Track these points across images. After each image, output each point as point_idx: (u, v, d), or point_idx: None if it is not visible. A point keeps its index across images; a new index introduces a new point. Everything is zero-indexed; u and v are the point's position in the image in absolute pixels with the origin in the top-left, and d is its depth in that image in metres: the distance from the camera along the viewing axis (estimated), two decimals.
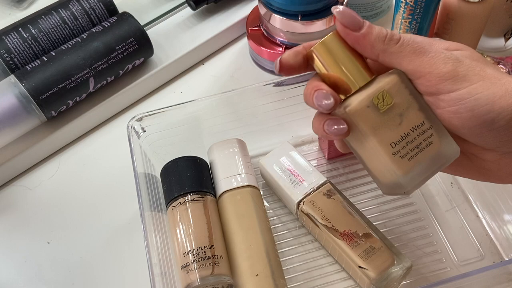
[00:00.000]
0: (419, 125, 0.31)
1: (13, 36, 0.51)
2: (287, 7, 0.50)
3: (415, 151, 0.31)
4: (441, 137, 0.31)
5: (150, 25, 0.59)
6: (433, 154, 0.31)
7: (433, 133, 0.31)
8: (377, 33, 0.29)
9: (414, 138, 0.31)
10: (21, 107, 0.48)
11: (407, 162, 0.30)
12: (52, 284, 0.44)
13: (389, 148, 0.30)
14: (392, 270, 0.39)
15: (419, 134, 0.31)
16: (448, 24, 0.51)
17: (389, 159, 0.30)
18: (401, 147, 0.30)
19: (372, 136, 0.30)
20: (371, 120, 0.30)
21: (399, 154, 0.30)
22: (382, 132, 0.30)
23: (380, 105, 0.30)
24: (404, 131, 0.30)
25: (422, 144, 0.31)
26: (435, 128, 0.31)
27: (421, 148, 0.31)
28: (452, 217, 0.45)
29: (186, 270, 0.38)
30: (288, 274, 0.42)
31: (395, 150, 0.30)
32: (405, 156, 0.30)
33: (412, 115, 0.30)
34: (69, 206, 0.49)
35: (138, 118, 0.43)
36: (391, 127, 0.30)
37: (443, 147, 0.31)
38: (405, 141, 0.31)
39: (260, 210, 0.42)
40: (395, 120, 0.30)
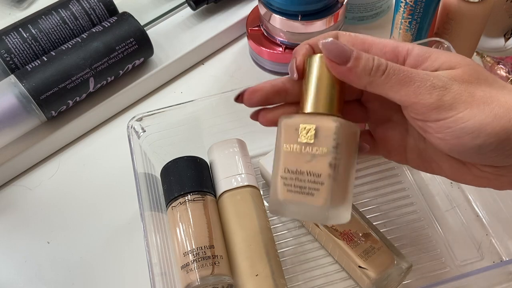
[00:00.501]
0: (315, 175, 0.31)
1: (13, 36, 0.51)
2: (287, 7, 0.50)
3: (297, 189, 0.31)
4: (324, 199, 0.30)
5: (150, 25, 0.59)
6: (308, 203, 0.31)
7: (320, 190, 0.30)
8: (363, 65, 0.29)
9: (304, 180, 0.31)
10: (21, 107, 0.48)
11: (286, 192, 0.32)
12: (52, 284, 0.44)
13: (282, 169, 0.32)
14: (392, 270, 0.39)
15: (310, 181, 0.31)
16: (448, 24, 0.51)
17: (278, 178, 0.32)
18: (289, 177, 0.31)
19: (281, 151, 0.32)
20: (289, 141, 0.32)
21: (284, 180, 0.32)
22: (289, 154, 0.32)
23: (301, 135, 0.31)
24: (302, 168, 0.31)
25: (305, 190, 0.31)
26: (326, 188, 0.30)
27: (303, 192, 0.31)
28: (452, 217, 0.45)
29: (186, 270, 0.38)
30: (288, 274, 0.42)
31: (285, 176, 0.32)
32: (287, 185, 0.32)
33: (319, 164, 0.31)
34: (69, 206, 0.49)
35: (138, 118, 0.43)
36: (297, 158, 0.31)
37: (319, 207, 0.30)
38: (296, 176, 0.31)
39: (260, 210, 0.42)
40: (304, 156, 0.31)
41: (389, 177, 0.48)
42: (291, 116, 0.32)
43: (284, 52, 0.54)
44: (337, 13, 0.52)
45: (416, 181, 0.47)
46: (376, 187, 0.47)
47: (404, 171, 0.48)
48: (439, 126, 0.29)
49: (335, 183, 0.30)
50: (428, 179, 0.47)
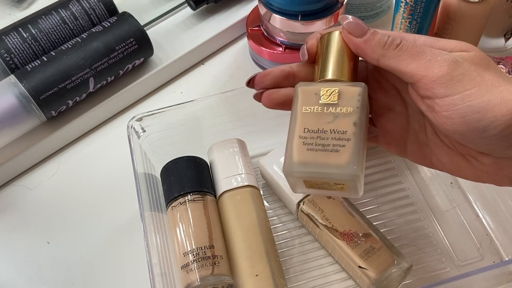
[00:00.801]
0: (340, 132, 0.31)
1: (13, 36, 0.51)
2: (287, 7, 0.50)
3: (318, 148, 0.31)
4: (351, 155, 0.30)
5: (150, 25, 0.59)
6: (330, 161, 0.30)
7: (346, 146, 0.30)
8: (378, 39, 0.31)
9: (327, 138, 0.31)
10: (21, 107, 0.48)
11: (304, 151, 0.31)
12: (52, 284, 0.44)
13: (301, 130, 0.31)
14: (392, 270, 0.39)
15: (334, 138, 0.31)
16: (448, 24, 0.51)
17: (295, 139, 0.32)
18: (310, 136, 0.31)
19: (299, 114, 0.32)
20: (307, 103, 0.32)
21: (303, 140, 0.31)
22: (308, 116, 0.32)
23: (323, 97, 0.32)
24: (324, 127, 0.31)
25: (329, 147, 0.31)
26: (353, 144, 0.30)
27: (325, 149, 0.31)
28: (452, 217, 0.45)
29: (186, 270, 0.38)
30: (288, 274, 0.42)
31: (304, 135, 0.31)
32: (306, 145, 0.31)
33: (343, 122, 0.31)
34: (69, 206, 0.49)
35: (138, 118, 0.43)
36: (318, 118, 0.31)
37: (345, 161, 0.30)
38: (318, 134, 0.31)
39: (260, 210, 0.42)
40: (326, 116, 0.31)
41: (389, 177, 0.48)
42: (309, 83, 0.33)
43: (284, 52, 0.54)
44: (337, 13, 0.52)
45: (416, 181, 0.47)
46: (376, 187, 0.47)
47: (404, 171, 0.48)
48: (446, 103, 0.29)
49: (360, 141, 0.31)
50: (428, 179, 0.47)
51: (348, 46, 0.33)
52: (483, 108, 0.28)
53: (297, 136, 0.32)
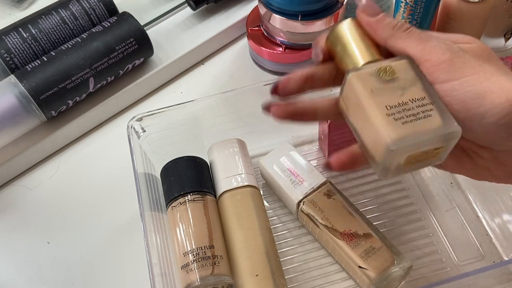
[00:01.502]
0: (420, 99, 0.30)
1: (13, 36, 0.51)
2: (287, 7, 0.50)
3: (411, 118, 0.29)
4: (442, 114, 0.30)
5: (150, 25, 0.59)
6: (430, 126, 0.29)
7: (433, 108, 0.30)
8: (389, 21, 0.32)
9: (412, 107, 0.30)
10: (21, 107, 0.48)
11: (400, 125, 0.29)
12: (52, 284, 0.44)
13: (384, 109, 0.30)
14: (392, 270, 0.39)
15: (418, 106, 0.30)
16: (448, 24, 0.51)
17: (382, 119, 0.29)
18: (396, 111, 0.29)
19: (368, 99, 0.30)
20: (370, 84, 0.30)
21: (393, 116, 0.29)
22: (379, 95, 0.30)
23: (383, 75, 0.31)
24: (403, 99, 0.30)
25: (420, 115, 0.30)
26: (437, 105, 0.30)
27: (418, 118, 0.29)
28: (452, 217, 0.45)
29: (186, 270, 0.38)
30: (288, 274, 0.42)
31: (390, 112, 0.29)
32: (399, 120, 0.29)
33: (414, 91, 0.30)
34: (69, 206, 0.49)
35: (138, 118, 0.43)
36: (390, 94, 0.30)
37: (443, 122, 0.29)
38: (402, 107, 0.30)
39: (260, 210, 0.42)
40: (395, 91, 0.30)
41: None
42: (356, 69, 0.32)
43: (284, 52, 0.54)
44: (337, 13, 0.52)
45: (416, 181, 0.47)
46: (376, 187, 0.47)
47: None
48: (445, 89, 0.29)
49: (439, 100, 0.30)
50: (428, 179, 0.47)
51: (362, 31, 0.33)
52: (481, 94, 0.28)
53: (385, 114, 0.29)
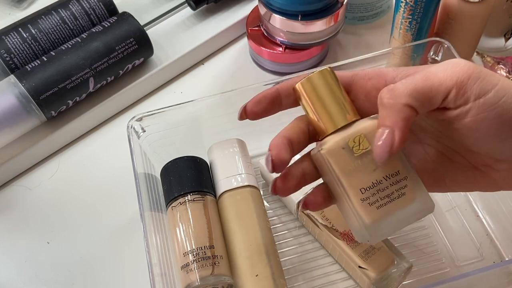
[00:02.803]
0: (394, 174, 0.29)
1: (13, 36, 0.50)
2: (287, 7, 0.50)
3: (386, 200, 0.29)
4: (415, 190, 0.30)
5: (150, 25, 0.59)
6: (404, 206, 0.29)
7: (408, 185, 0.29)
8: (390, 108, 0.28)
9: (387, 186, 0.29)
10: (21, 107, 0.48)
11: (375, 211, 0.29)
12: (52, 284, 0.44)
13: (358, 193, 0.29)
14: (392, 270, 0.39)
15: (393, 183, 0.29)
16: (448, 24, 0.51)
17: (357, 204, 0.29)
18: (371, 194, 0.29)
19: (343, 180, 0.30)
20: (344, 163, 0.30)
21: (367, 201, 0.29)
22: (353, 176, 0.29)
23: (355, 149, 0.30)
24: (377, 178, 0.29)
25: (394, 194, 0.29)
26: (411, 179, 0.30)
27: (392, 198, 0.29)
28: (452, 217, 0.45)
29: (186, 270, 0.38)
30: (288, 274, 0.42)
31: (364, 196, 0.29)
32: (373, 204, 0.29)
33: (388, 163, 0.29)
34: (69, 206, 0.49)
35: (138, 118, 0.43)
36: (364, 172, 0.29)
37: (417, 201, 0.29)
38: (377, 188, 0.29)
39: (260, 210, 0.42)
40: (369, 166, 0.29)
41: None
42: (324, 141, 0.30)
43: (284, 52, 0.54)
44: (337, 13, 0.52)
45: None
46: None
47: None
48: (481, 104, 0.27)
49: (413, 172, 0.30)
50: None
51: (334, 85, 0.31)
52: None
53: (359, 200, 0.29)
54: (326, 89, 0.31)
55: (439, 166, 0.33)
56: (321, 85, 0.31)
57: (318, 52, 0.55)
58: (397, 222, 0.30)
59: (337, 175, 0.30)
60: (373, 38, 0.60)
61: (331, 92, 0.31)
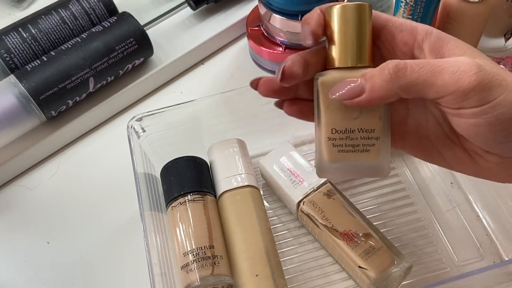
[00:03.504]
0: (368, 131, 0.30)
1: (13, 36, 0.50)
2: (287, 7, 0.50)
3: (349, 148, 0.30)
4: (380, 152, 0.30)
5: (150, 25, 0.59)
6: (363, 161, 0.30)
7: (376, 144, 0.30)
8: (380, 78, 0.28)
9: (356, 137, 0.30)
10: (21, 107, 0.48)
11: (335, 153, 0.31)
12: (52, 284, 0.44)
13: (328, 131, 0.31)
14: (392, 270, 0.39)
15: (363, 138, 0.30)
16: (448, 24, 0.51)
17: (323, 140, 0.31)
18: (339, 137, 0.31)
19: (323, 112, 0.31)
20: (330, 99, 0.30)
21: (332, 141, 0.31)
22: (333, 114, 0.31)
23: None
24: (352, 126, 0.30)
25: (359, 147, 0.30)
26: (381, 142, 0.30)
27: (356, 150, 0.30)
28: (452, 217, 0.45)
29: (186, 270, 0.38)
30: (288, 274, 0.42)
31: (333, 136, 0.31)
32: (336, 146, 0.31)
33: (370, 119, 0.30)
34: (69, 206, 0.49)
35: (138, 118, 0.43)
36: (343, 116, 0.30)
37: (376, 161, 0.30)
38: (346, 134, 0.30)
39: (260, 210, 0.42)
40: (351, 113, 0.30)
41: (389, 177, 0.48)
42: (327, 72, 0.31)
43: (284, 52, 0.54)
44: None
45: (416, 181, 0.47)
46: (376, 187, 0.47)
47: (405, 171, 0.48)
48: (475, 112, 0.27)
49: (387, 137, 0.30)
50: (428, 179, 0.47)
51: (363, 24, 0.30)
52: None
53: (326, 138, 0.31)
54: (354, 25, 0.30)
55: (432, 135, 0.33)
56: (351, 20, 0.30)
57: None
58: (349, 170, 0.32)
59: (320, 106, 0.31)
60: None
61: (358, 30, 0.30)
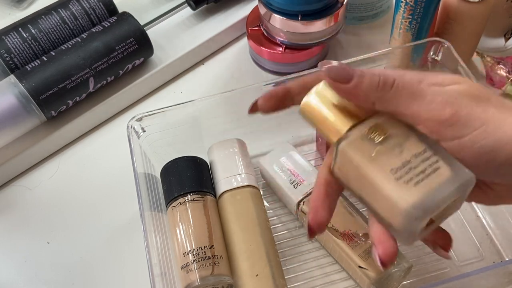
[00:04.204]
0: (421, 153, 0.28)
1: (13, 36, 0.50)
2: (287, 7, 0.50)
3: (421, 177, 0.27)
4: (449, 163, 0.28)
5: (150, 25, 0.59)
6: (443, 179, 0.27)
7: (439, 159, 0.27)
8: (369, 81, 0.28)
9: (418, 164, 0.27)
10: (21, 107, 0.48)
11: (414, 188, 0.27)
12: (52, 284, 0.44)
13: (389, 174, 0.27)
14: (392, 270, 0.39)
15: (423, 160, 0.28)
16: (448, 24, 0.51)
17: (392, 186, 0.27)
18: (404, 173, 0.27)
19: (370, 166, 0.28)
20: (367, 151, 0.28)
21: (402, 179, 0.27)
22: (380, 160, 0.28)
23: (375, 137, 0.28)
24: (405, 158, 0.28)
25: (428, 170, 0.27)
26: (440, 154, 0.28)
27: (427, 174, 0.27)
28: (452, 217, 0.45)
29: (186, 270, 0.38)
30: (288, 274, 0.42)
31: (398, 175, 0.27)
32: (410, 181, 0.27)
33: (412, 144, 0.28)
34: (69, 206, 0.49)
35: (138, 118, 0.43)
36: (390, 156, 0.28)
37: (453, 172, 0.27)
38: (408, 167, 0.27)
39: (260, 210, 0.42)
40: (394, 150, 0.28)
41: None
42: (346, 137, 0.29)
43: (284, 52, 0.54)
44: (337, 13, 0.52)
45: None
46: None
47: None
48: (455, 145, 0.27)
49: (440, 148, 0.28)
50: None
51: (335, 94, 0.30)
52: (495, 148, 0.26)
53: (393, 180, 0.27)
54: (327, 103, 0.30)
55: None
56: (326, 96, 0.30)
57: (318, 52, 0.55)
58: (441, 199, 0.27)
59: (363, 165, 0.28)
60: (373, 38, 0.60)
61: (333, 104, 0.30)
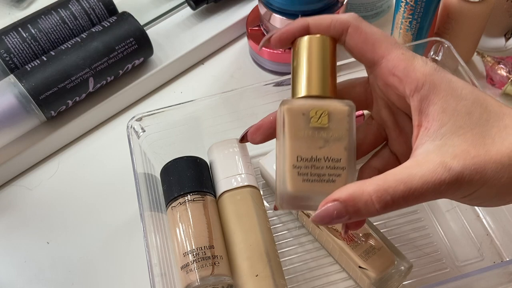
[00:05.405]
0: (335, 160, 0.29)
1: (12, 36, 0.50)
2: (287, 7, 0.50)
3: (314, 178, 0.29)
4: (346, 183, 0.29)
5: (150, 25, 0.59)
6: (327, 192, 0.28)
7: (342, 175, 0.29)
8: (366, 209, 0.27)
9: (322, 167, 0.29)
10: (21, 107, 0.48)
11: (300, 182, 0.29)
12: (52, 284, 0.44)
13: (294, 158, 0.29)
14: (392, 271, 0.39)
15: (329, 167, 0.29)
16: (449, 24, 0.51)
17: (287, 168, 0.29)
18: (304, 165, 0.29)
19: (288, 140, 0.29)
20: (296, 127, 0.29)
21: (298, 170, 0.29)
22: (298, 142, 0.29)
23: (313, 120, 0.29)
24: (318, 155, 0.29)
25: (325, 177, 0.29)
26: (348, 172, 0.29)
27: (322, 180, 0.29)
28: (452, 217, 0.45)
29: (186, 270, 0.38)
30: (288, 274, 0.42)
31: (299, 164, 0.29)
32: (301, 175, 0.29)
33: (335, 148, 0.29)
34: (69, 206, 0.49)
35: (138, 118, 0.43)
36: (309, 144, 0.29)
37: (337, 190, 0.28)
38: (312, 163, 0.29)
39: (260, 210, 0.42)
40: (317, 141, 0.29)
41: None
42: (293, 100, 0.30)
43: (284, 52, 0.54)
44: (337, 12, 0.52)
45: None
46: None
47: None
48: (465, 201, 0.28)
49: (353, 167, 0.29)
50: None
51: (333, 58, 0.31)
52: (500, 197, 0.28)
53: (291, 165, 0.29)
54: (319, 55, 0.31)
55: None
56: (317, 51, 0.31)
57: None
58: (311, 203, 0.29)
59: (284, 133, 0.30)
60: None
61: (323, 61, 0.31)
